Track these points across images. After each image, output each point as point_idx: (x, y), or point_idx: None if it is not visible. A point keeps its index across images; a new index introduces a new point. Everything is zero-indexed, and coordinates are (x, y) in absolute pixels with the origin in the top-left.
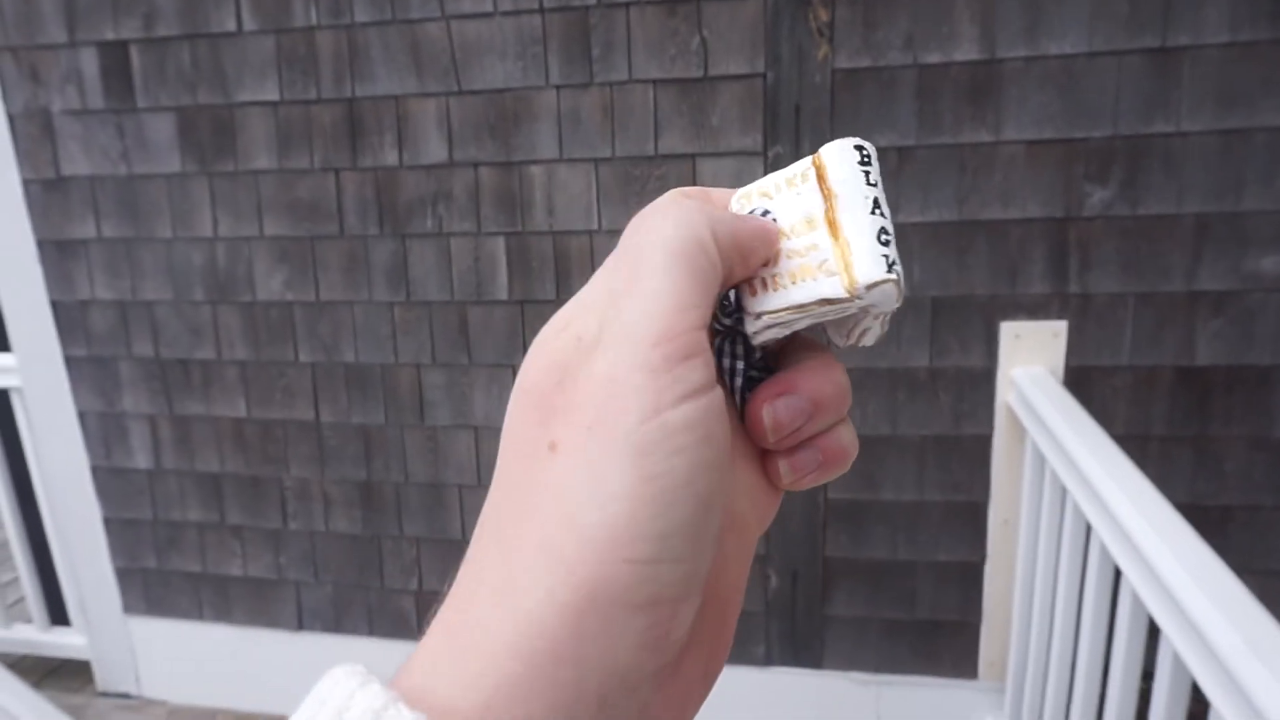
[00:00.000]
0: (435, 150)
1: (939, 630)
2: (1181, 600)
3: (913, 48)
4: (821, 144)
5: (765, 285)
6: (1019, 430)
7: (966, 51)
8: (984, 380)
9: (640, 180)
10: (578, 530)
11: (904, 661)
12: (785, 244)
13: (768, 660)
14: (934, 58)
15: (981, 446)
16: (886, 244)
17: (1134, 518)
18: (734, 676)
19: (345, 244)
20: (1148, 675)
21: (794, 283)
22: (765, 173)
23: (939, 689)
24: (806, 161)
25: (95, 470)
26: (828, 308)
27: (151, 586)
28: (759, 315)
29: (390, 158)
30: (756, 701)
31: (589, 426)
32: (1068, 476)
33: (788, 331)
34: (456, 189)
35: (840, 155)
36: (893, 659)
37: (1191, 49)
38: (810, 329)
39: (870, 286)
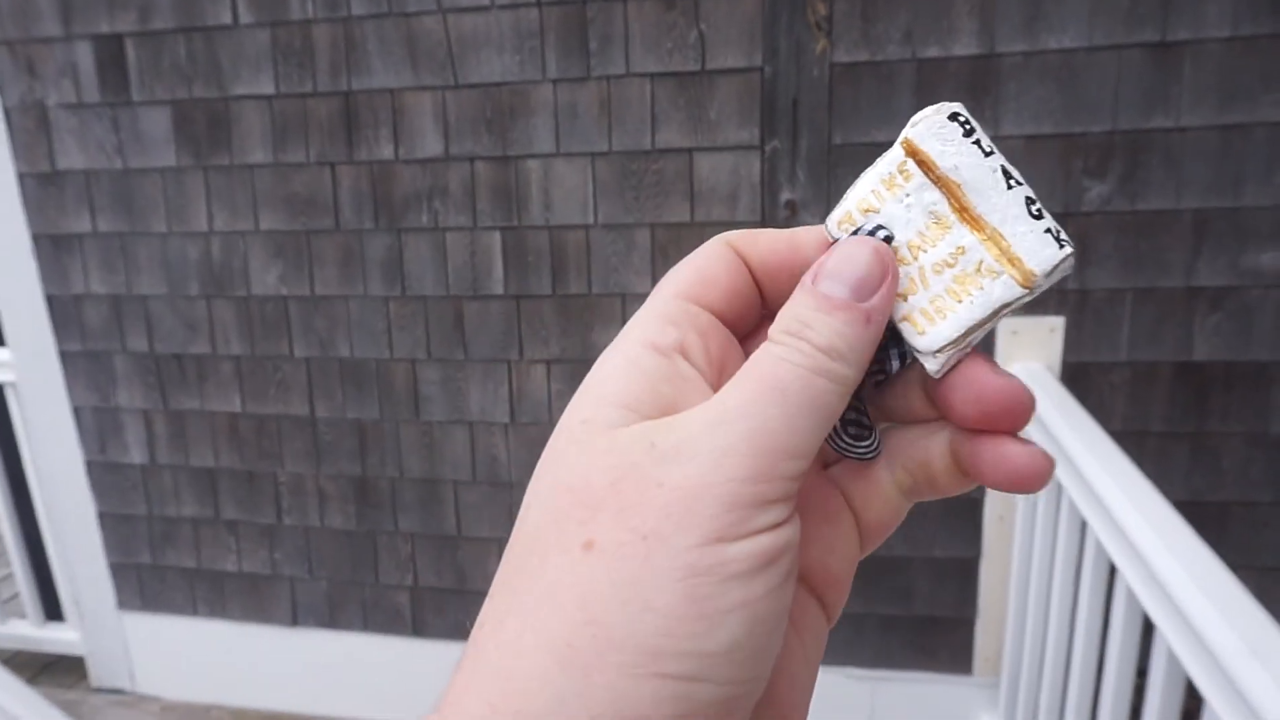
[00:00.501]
0: (431, 144)
1: (934, 626)
2: (1177, 597)
3: (911, 42)
4: (820, 140)
5: (927, 316)
6: None
7: (965, 46)
8: None
9: (637, 175)
10: (603, 638)
11: (899, 657)
12: (925, 258)
13: None
14: (933, 52)
15: None
16: (1040, 214)
17: (1129, 514)
18: None
19: (341, 238)
20: (1142, 672)
21: (959, 300)
22: (762, 167)
23: (934, 685)
24: (897, 152)
25: (90, 465)
26: (1005, 311)
27: (146, 582)
28: (937, 352)
29: (386, 151)
30: None
31: (645, 536)
32: (1063, 473)
33: (967, 351)
34: (453, 183)
35: (939, 134)
36: (888, 655)
37: (1192, 43)
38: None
39: (1050, 272)
